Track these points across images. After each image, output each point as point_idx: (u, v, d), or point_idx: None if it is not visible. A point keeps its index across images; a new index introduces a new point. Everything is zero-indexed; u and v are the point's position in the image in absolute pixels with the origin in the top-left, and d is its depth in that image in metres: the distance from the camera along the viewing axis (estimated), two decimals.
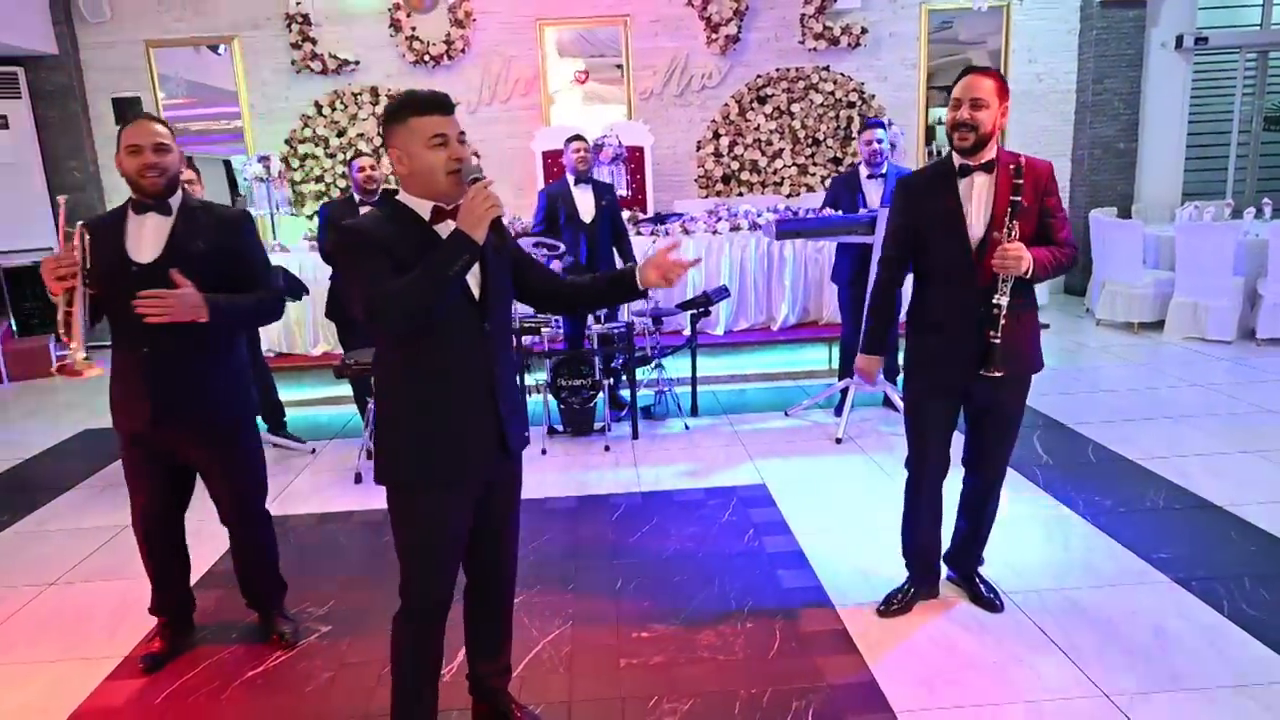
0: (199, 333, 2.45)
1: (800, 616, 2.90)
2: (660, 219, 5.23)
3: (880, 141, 4.90)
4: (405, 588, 2.06)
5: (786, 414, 5.19)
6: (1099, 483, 3.92)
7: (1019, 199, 2.48)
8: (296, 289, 4.74)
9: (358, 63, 8.07)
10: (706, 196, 8.42)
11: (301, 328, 6.18)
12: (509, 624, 2.34)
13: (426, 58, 8.03)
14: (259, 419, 4.13)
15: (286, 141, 8.18)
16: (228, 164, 8.37)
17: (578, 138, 5.21)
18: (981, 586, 2.94)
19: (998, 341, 2.53)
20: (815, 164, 8.47)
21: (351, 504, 4.09)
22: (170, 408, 2.50)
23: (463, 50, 8.08)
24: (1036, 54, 8.47)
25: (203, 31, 8.03)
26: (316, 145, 8.19)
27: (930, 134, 8.60)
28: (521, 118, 8.29)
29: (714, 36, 8.14)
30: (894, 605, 2.93)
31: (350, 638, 2.89)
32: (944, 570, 3.02)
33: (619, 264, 5.38)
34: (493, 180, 1.91)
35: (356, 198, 4.84)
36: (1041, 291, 7.81)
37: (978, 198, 2.57)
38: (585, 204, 5.18)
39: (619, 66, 8.28)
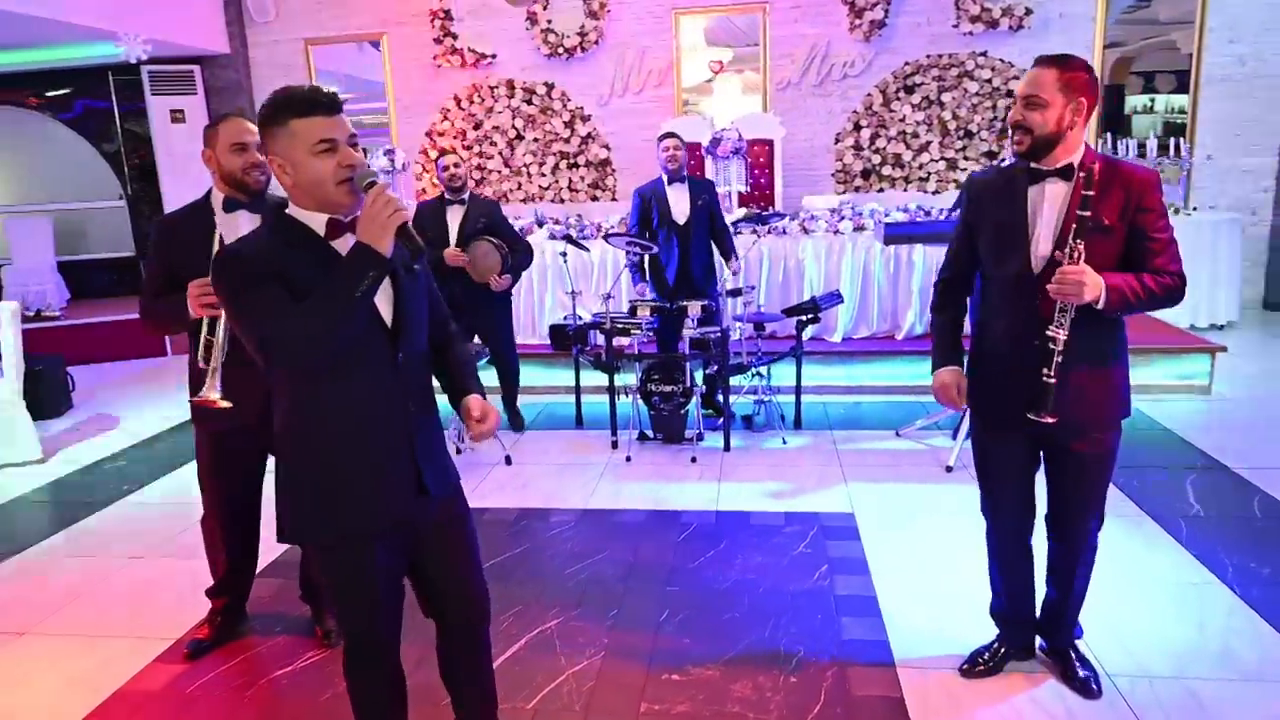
0: None
1: (854, 675, 2.58)
2: (761, 218, 4.91)
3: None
4: (339, 628, 1.95)
5: (898, 434, 4.76)
6: (1259, 546, 3.30)
7: (1087, 214, 2.07)
8: None
9: (495, 56, 8.18)
10: (844, 192, 7.95)
11: None
12: (478, 668, 2.09)
13: (560, 49, 8.03)
14: None
15: (426, 134, 8.43)
16: None
17: (669, 135, 4.99)
18: (1076, 663, 2.50)
19: (1052, 381, 2.12)
20: (966, 158, 7.79)
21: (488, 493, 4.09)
22: (250, 407, 2.48)
23: (596, 41, 8.02)
24: (1240, 33, 7.38)
25: (356, 29, 8.40)
26: (454, 139, 8.38)
27: (1116, 126, 7.67)
28: (653, 110, 8.13)
29: (857, 22, 7.64)
30: (979, 665, 2.57)
31: None
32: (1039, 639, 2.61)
33: (719, 265, 5.13)
34: (388, 184, 1.70)
35: (446, 196, 4.83)
36: (1230, 304, 6.83)
37: (1049, 210, 2.17)
38: (679, 204, 4.95)
39: (756, 56, 7.95)
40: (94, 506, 4.20)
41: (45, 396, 5.60)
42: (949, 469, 4.18)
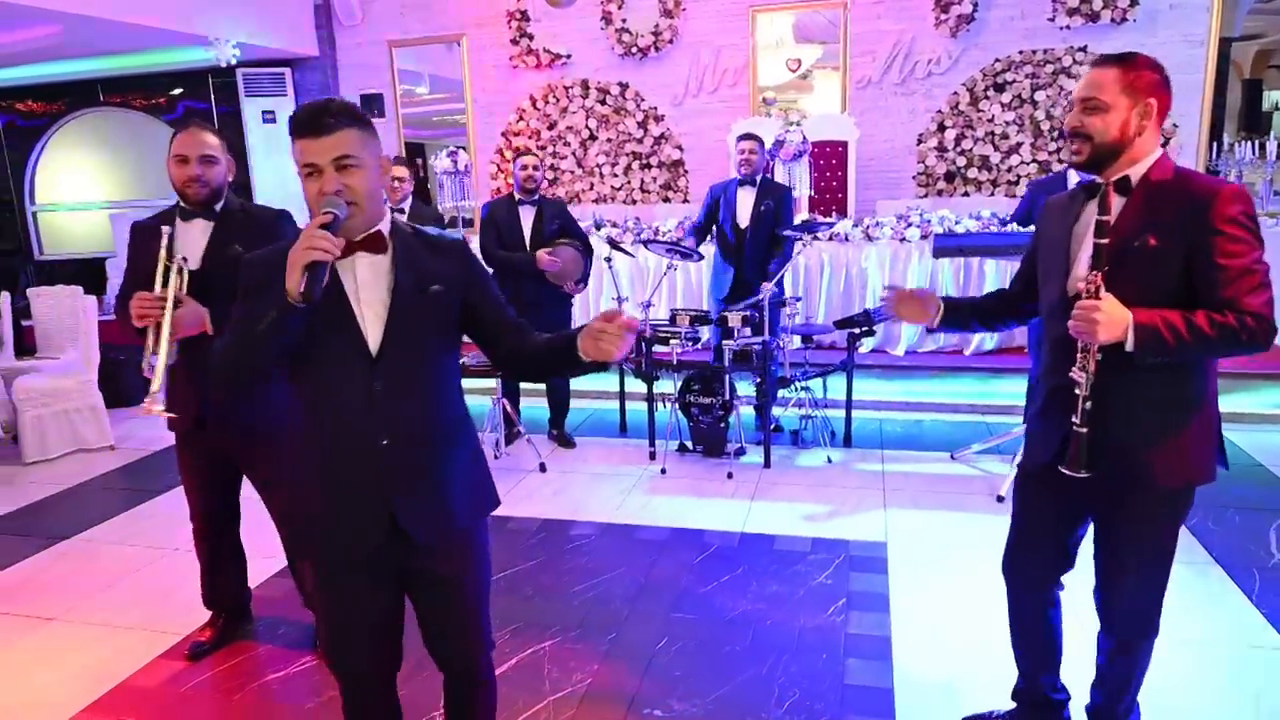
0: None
1: None
2: (810, 226, 4.69)
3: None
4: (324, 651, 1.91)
5: (953, 456, 4.48)
6: None
7: (1104, 240, 1.81)
8: None
9: (569, 56, 8.17)
10: (925, 196, 7.59)
11: None
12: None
13: (635, 49, 7.95)
14: None
15: (502, 134, 8.50)
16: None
17: (746, 137, 4.84)
18: None
19: (1082, 431, 1.86)
20: (1060, 161, 7.29)
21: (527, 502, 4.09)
22: (213, 412, 2.59)
23: (671, 40, 7.90)
24: None
25: (437, 31, 8.54)
26: (529, 138, 8.43)
27: (1253, 123, 7.00)
28: (728, 110, 7.95)
29: (944, 17, 7.26)
30: None
31: None
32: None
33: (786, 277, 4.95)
34: (333, 217, 1.60)
35: (516, 196, 4.82)
36: None
37: (1091, 230, 1.91)
38: (745, 206, 4.80)
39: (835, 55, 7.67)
40: (147, 496, 4.38)
41: (126, 385, 5.90)
42: (1000, 499, 3.90)
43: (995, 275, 5.35)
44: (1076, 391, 1.87)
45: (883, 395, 5.30)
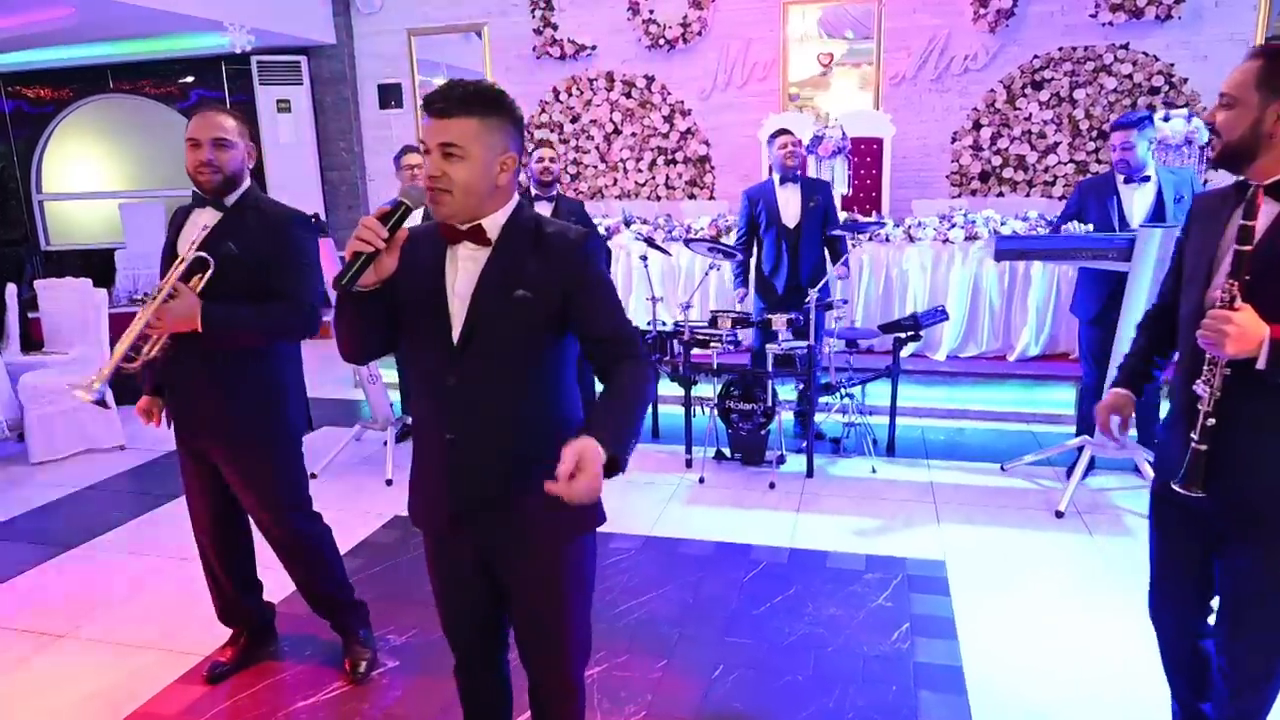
0: (202, 342, 2.30)
1: None
2: (859, 226, 4.48)
3: (1128, 148, 3.79)
4: None
5: (1004, 469, 4.27)
6: None
7: (1247, 247, 1.62)
8: None
9: (594, 47, 7.96)
10: (959, 196, 7.37)
11: None
12: None
13: (662, 41, 7.74)
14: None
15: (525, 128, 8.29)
16: None
17: (783, 132, 4.63)
18: None
19: (1201, 448, 1.68)
20: (1099, 160, 7.08)
21: None
22: (186, 417, 2.45)
23: (699, 32, 7.69)
24: None
25: (457, 19, 8.34)
26: (551, 131, 8.22)
27: None
28: (757, 105, 7.74)
29: (982, 11, 7.04)
30: None
31: (415, 677, 2.64)
32: None
33: (830, 269, 4.74)
34: (400, 207, 1.58)
35: (532, 191, 4.61)
36: None
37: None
38: (790, 206, 4.59)
39: (870, 49, 7.45)
40: (159, 500, 4.19)
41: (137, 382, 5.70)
42: (1059, 514, 3.69)
43: (1043, 278, 5.15)
44: (1199, 406, 1.70)
45: (924, 402, 5.10)
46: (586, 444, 1.44)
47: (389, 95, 8.63)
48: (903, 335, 4.41)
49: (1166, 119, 5.97)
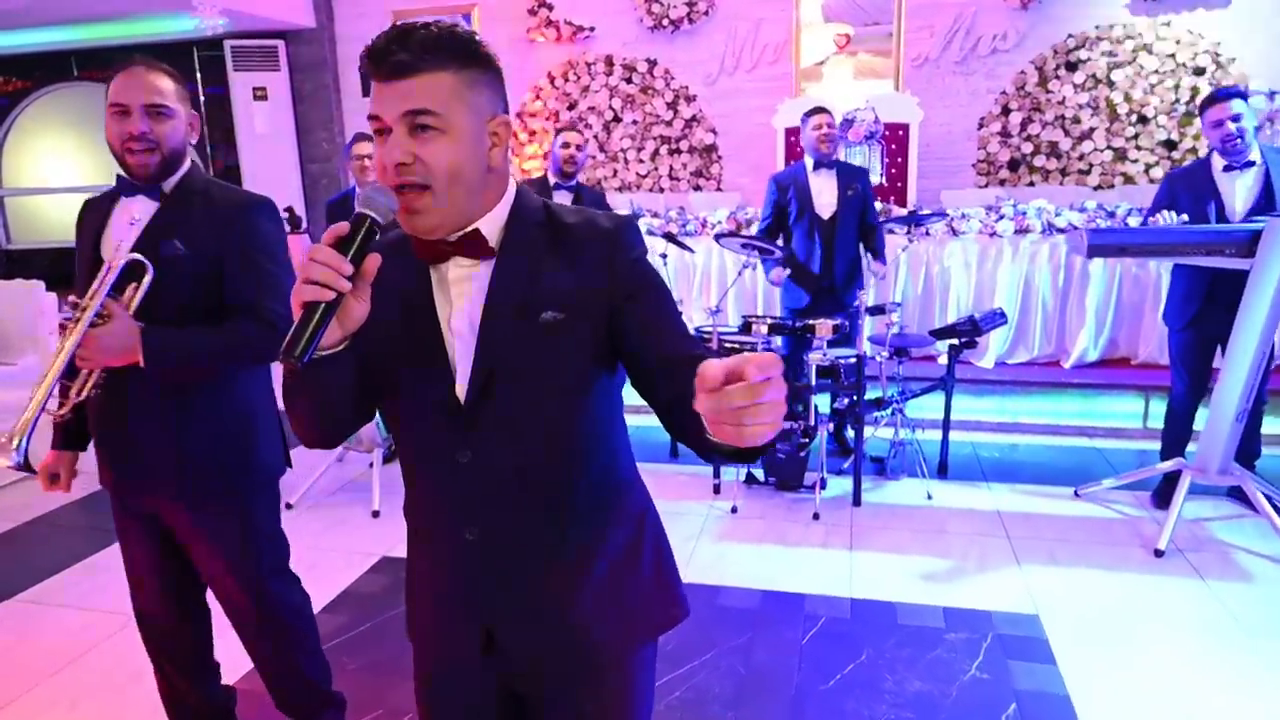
0: (143, 374, 1.75)
1: None
2: (916, 218, 3.96)
3: (1237, 120, 3.27)
4: None
5: (1077, 494, 3.77)
6: None
7: None
8: None
9: (593, 29, 7.41)
10: (985, 186, 6.86)
11: None
12: None
13: (665, 21, 7.19)
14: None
15: (517, 115, 7.73)
16: None
17: (819, 111, 4.10)
18: None
19: None
20: (1139, 148, 6.59)
21: None
22: (126, 471, 1.88)
23: (705, 13, 7.14)
24: None
25: (446, 1, 7.76)
26: (546, 119, 7.67)
27: None
28: (766, 90, 7.20)
29: None
30: None
31: None
32: None
33: (867, 267, 4.22)
34: (365, 225, 1.01)
35: (551, 180, 4.08)
36: None
37: None
38: (825, 194, 4.07)
39: (891, 35, 6.92)
40: (111, 537, 3.62)
41: None
42: (1159, 553, 3.19)
43: (1102, 276, 4.65)
44: None
45: (973, 414, 4.60)
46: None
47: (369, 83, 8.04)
48: (958, 342, 3.89)
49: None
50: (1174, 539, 3.24)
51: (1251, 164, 3.32)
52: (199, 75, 8.27)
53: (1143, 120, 6.54)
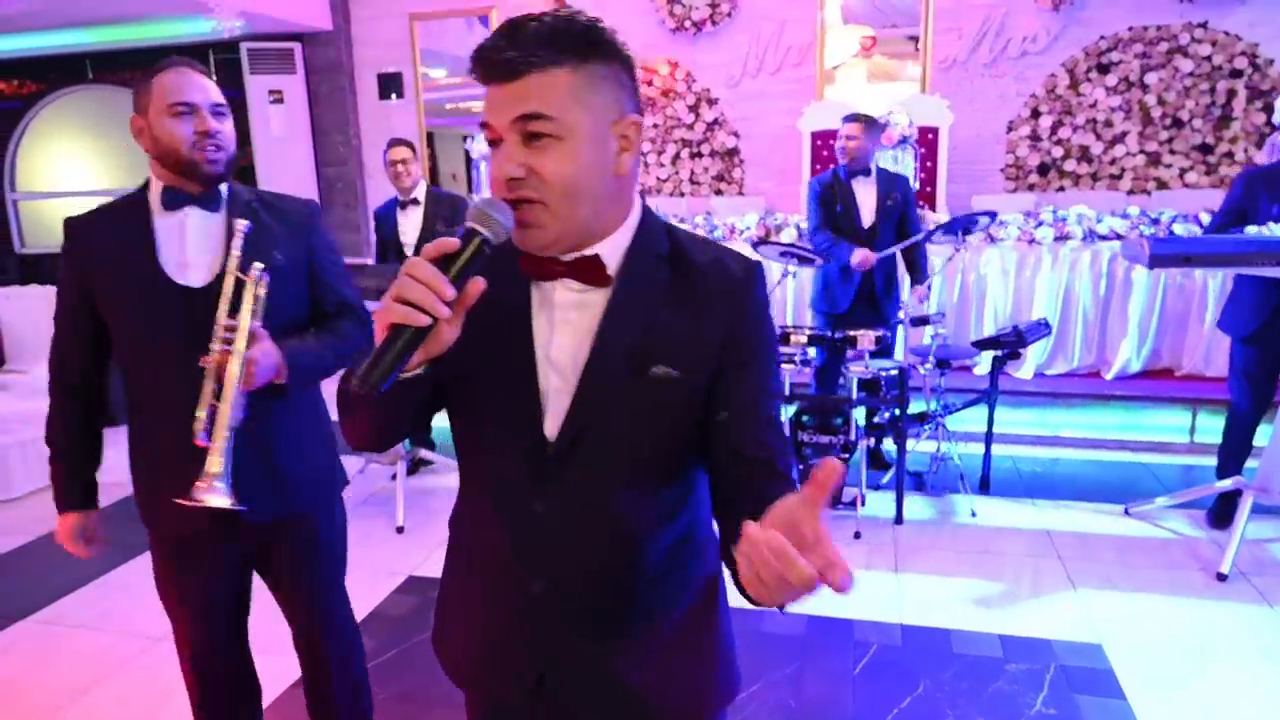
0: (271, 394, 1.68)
1: None
2: (965, 226, 3.82)
3: None
4: None
5: (1128, 511, 3.63)
6: None
7: None
8: None
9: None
10: (1014, 191, 6.72)
11: None
12: None
13: (688, 23, 7.08)
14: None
15: None
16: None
17: (849, 119, 3.97)
18: None
19: None
20: (1173, 152, 6.42)
21: None
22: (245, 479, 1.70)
23: (729, 14, 7.02)
24: None
25: (464, 3, 7.66)
26: None
27: None
28: (791, 93, 7.08)
29: None
30: None
31: None
32: None
33: (905, 286, 4.09)
34: (475, 242, 0.92)
35: None
36: None
37: None
38: (865, 202, 3.93)
39: (913, 38, 6.79)
40: (133, 551, 3.52)
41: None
42: (1222, 577, 3.05)
43: (1146, 284, 4.51)
44: None
45: (1012, 427, 4.46)
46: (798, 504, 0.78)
47: (389, 85, 7.95)
48: (1001, 352, 3.76)
49: None
50: (1235, 562, 3.10)
51: None
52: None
53: (1177, 124, 6.39)
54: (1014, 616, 2.86)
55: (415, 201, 4.07)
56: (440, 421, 1.12)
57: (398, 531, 3.66)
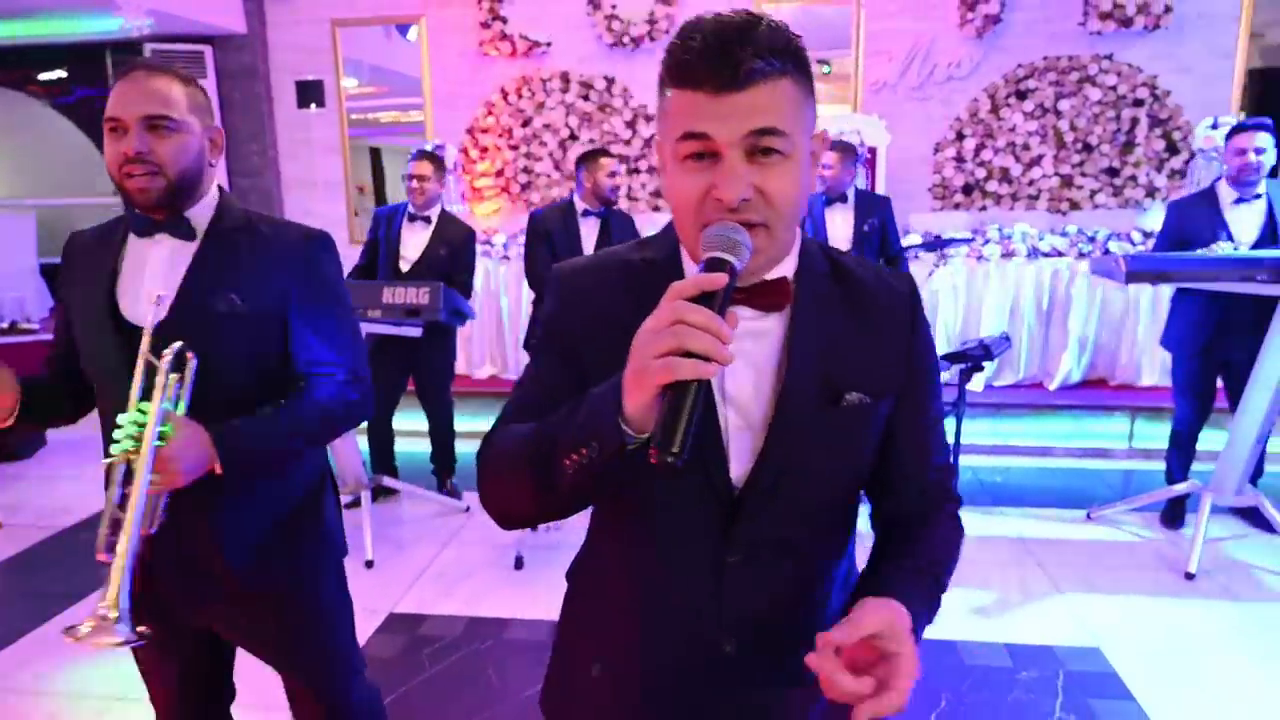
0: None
1: None
2: (939, 244, 3.91)
3: (1260, 152, 3.37)
4: None
5: (1090, 516, 3.78)
6: None
7: None
8: (461, 315, 3.79)
9: (549, 44, 7.21)
10: (941, 209, 6.99)
11: (466, 344, 5.34)
12: None
13: (626, 39, 7.07)
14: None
15: (468, 131, 7.45)
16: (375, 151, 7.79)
17: (834, 147, 4.01)
18: None
19: None
20: (1084, 174, 6.83)
21: (509, 603, 3.10)
22: (176, 581, 1.47)
23: (666, 31, 7.05)
24: None
25: (390, 10, 7.43)
26: (499, 136, 7.41)
27: None
28: None
29: (970, 16, 6.69)
30: None
31: None
32: None
33: None
34: (728, 275, 0.81)
35: (580, 206, 3.79)
36: None
37: None
38: (841, 229, 3.98)
39: (824, 64, 6.99)
40: (57, 601, 3.18)
41: (10, 436, 4.59)
42: (1190, 576, 3.20)
43: (1085, 299, 4.73)
44: None
45: (966, 437, 4.57)
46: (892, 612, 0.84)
47: (309, 93, 7.59)
48: (968, 366, 3.86)
49: (1215, 127, 5.76)
50: (1203, 560, 3.26)
51: (1258, 196, 3.40)
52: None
53: (1088, 149, 6.79)
54: (1013, 625, 2.92)
55: (427, 220, 3.87)
56: (404, 447, 1.00)
57: (366, 566, 3.45)
